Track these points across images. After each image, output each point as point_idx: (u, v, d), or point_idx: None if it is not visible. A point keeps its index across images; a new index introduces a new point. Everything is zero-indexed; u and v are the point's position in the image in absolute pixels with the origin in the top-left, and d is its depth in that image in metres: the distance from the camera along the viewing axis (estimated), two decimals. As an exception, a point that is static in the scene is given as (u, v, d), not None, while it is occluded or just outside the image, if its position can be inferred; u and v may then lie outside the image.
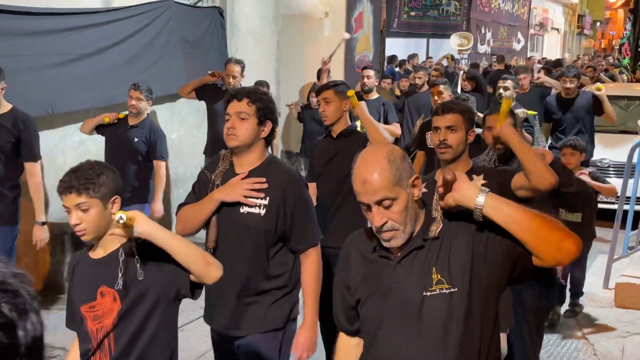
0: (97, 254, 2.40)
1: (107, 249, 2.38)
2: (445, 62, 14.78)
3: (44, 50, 5.60)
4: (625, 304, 5.44)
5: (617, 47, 19.49)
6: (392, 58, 15.29)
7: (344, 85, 4.25)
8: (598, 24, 41.10)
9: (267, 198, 2.85)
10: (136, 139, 5.43)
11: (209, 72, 6.52)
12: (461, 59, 11.49)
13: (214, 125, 6.54)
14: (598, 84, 7.63)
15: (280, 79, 9.64)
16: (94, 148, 6.44)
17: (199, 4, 8.10)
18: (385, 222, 2.01)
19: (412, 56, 15.69)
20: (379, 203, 2.00)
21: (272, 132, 2.95)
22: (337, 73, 11.60)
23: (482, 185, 2.03)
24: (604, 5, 39.09)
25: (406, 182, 2.02)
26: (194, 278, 2.33)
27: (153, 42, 6.90)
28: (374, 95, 7.27)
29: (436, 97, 6.30)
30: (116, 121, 5.50)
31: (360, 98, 7.40)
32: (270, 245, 2.89)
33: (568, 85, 7.43)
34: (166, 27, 7.15)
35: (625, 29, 16.51)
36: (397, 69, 14.57)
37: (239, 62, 6.46)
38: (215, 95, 6.44)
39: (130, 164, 5.43)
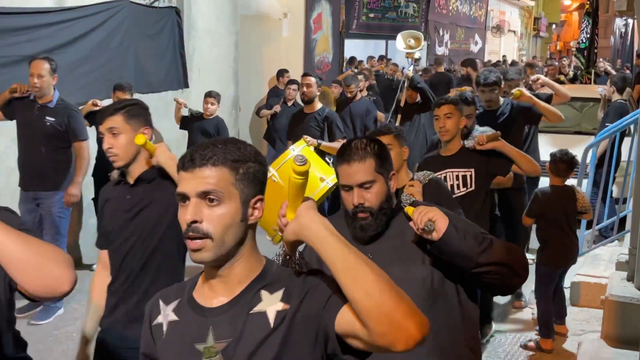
0: None
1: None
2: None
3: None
4: (581, 303, 5.51)
5: (575, 49, 19.81)
6: (352, 59, 15.32)
7: (137, 107, 2.87)
8: (554, 26, 41.87)
9: None
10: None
11: (10, 87, 5.23)
12: (410, 64, 8.29)
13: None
14: (515, 90, 5.50)
15: (238, 80, 9.57)
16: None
17: (155, 4, 7.98)
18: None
19: (370, 58, 15.71)
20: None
21: None
22: (296, 75, 11.59)
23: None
24: (560, 8, 39.85)
25: None
26: None
27: (106, 43, 6.75)
28: (317, 106, 6.31)
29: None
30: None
31: (302, 111, 6.51)
32: None
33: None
34: (121, 27, 7.00)
35: (583, 32, 16.73)
36: (356, 71, 14.58)
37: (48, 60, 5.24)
38: (26, 108, 5.23)
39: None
